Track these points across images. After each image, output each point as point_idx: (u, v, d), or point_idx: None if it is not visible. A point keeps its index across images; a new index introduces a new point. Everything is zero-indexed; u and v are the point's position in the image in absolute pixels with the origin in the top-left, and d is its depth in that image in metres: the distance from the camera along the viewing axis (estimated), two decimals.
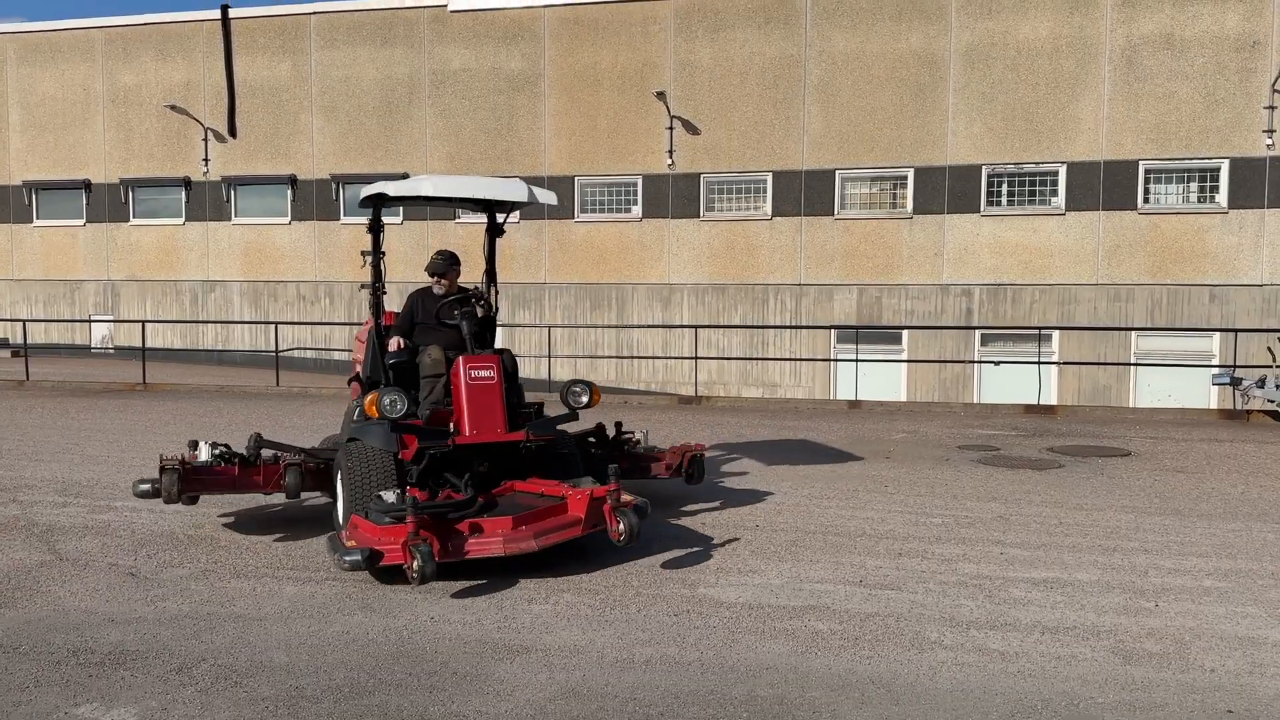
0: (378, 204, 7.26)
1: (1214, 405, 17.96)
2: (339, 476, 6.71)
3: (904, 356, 20.42)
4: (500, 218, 8.10)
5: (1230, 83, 18.87)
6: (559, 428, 7.22)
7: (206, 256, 24.86)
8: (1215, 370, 17.43)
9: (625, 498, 6.18)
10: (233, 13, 24.09)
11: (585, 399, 7.22)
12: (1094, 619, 5.34)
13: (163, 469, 6.81)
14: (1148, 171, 19.42)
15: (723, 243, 21.57)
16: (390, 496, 6.02)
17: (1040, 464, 10.13)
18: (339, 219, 23.76)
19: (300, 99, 23.83)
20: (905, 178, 20.54)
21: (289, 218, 24.20)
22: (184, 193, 24.77)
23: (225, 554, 6.66)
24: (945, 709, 4.22)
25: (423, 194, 6.89)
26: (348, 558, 5.55)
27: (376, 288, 7.35)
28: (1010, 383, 18.79)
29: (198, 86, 24.43)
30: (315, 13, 23.70)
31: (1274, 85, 18.46)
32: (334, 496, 6.94)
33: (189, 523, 7.50)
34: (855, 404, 15.60)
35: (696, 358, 18.79)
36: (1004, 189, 20.13)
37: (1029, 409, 14.76)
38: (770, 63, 20.97)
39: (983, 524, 7.48)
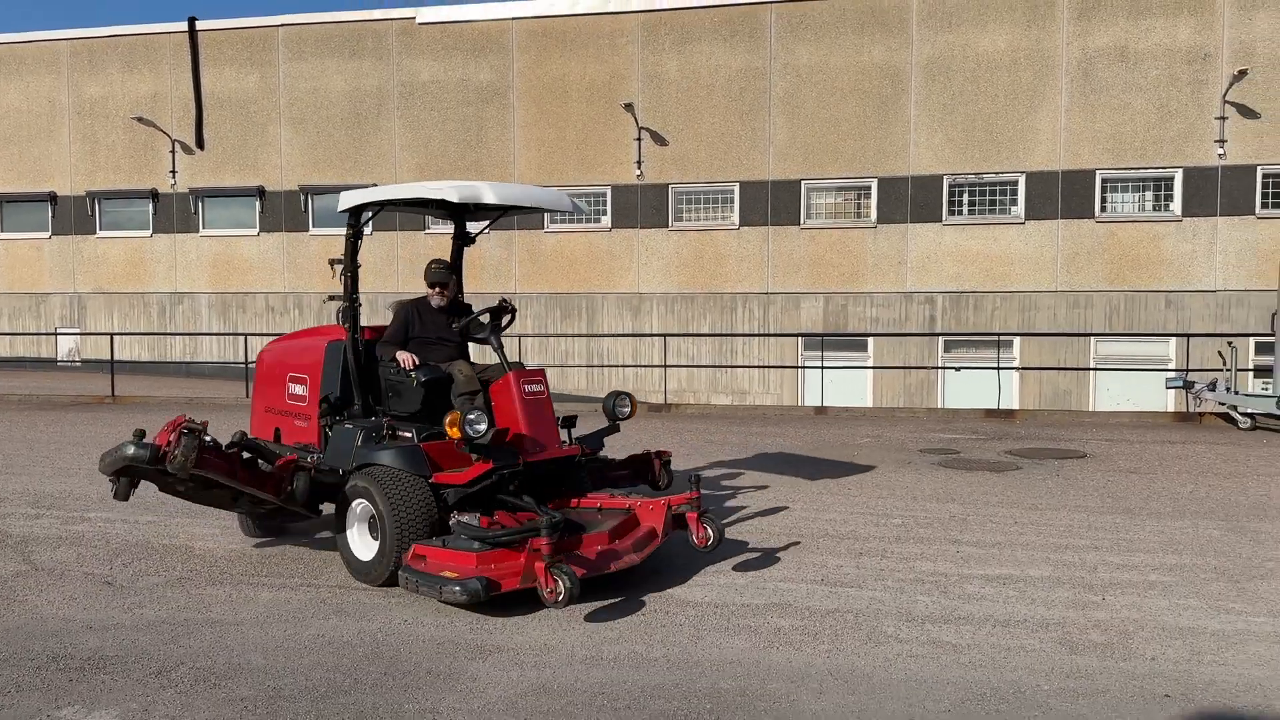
0: (372, 212, 7.09)
1: (1169, 408, 18.40)
2: (358, 503, 6.23)
3: (869, 363, 20.73)
4: (474, 228, 8.14)
5: (1183, 94, 19.37)
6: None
7: (174, 268, 24.74)
8: (1170, 374, 17.87)
9: None
10: (200, 24, 24.04)
11: (627, 410, 7.31)
12: (1043, 612, 5.58)
13: (183, 431, 5.72)
14: (1104, 181, 19.87)
15: (691, 252, 21.80)
16: (471, 520, 5.80)
17: (998, 466, 10.41)
18: (308, 230, 23.74)
19: (268, 110, 23.82)
20: (869, 188, 20.87)
21: (257, 229, 24.15)
22: (151, 204, 24.64)
23: (200, 562, 6.76)
24: (898, 698, 4.43)
25: (484, 200, 6.69)
26: (458, 587, 5.28)
27: (354, 299, 7.06)
28: (972, 388, 19.16)
29: (165, 98, 24.34)
30: (283, 24, 23.69)
31: (1225, 96, 18.98)
32: (342, 525, 6.37)
33: (163, 532, 7.58)
34: (821, 410, 15.86)
35: (666, 366, 19.00)
36: (965, 199, 20.53)
37: (990, 414, 15.10)
38: (736, 75, 21.26)
39: (941, 524, 7.73)
